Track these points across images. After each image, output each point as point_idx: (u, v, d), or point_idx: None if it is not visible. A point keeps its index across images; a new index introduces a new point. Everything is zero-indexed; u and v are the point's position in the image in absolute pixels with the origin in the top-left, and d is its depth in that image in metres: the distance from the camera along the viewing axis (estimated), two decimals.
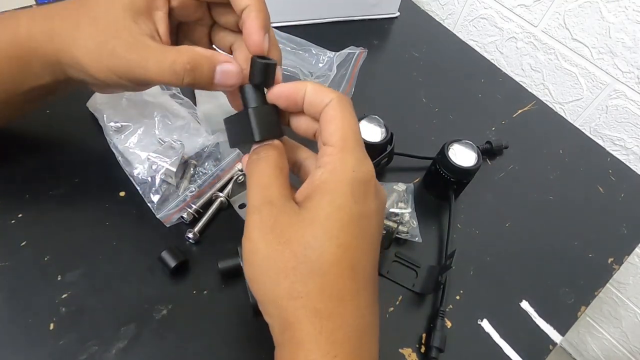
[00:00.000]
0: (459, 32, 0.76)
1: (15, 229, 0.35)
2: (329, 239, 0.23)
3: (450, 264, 0.35)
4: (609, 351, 0.93)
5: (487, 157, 0.51)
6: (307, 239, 0.23)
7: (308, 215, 0.23)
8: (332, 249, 0.23)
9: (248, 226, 0.24)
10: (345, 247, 0.23)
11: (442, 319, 0.36)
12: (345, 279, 0.23)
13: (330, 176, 0.24)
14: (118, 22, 0.28)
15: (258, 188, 0.25)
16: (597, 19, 0.58)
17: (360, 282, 0.23)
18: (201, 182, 0.39)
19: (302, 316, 0.22)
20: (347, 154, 0.24)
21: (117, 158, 0.39)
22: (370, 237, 0.24)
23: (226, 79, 0.28)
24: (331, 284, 0.22)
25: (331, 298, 0.22)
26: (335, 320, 0.22)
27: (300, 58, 0.52)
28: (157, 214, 0.36)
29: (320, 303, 0.22)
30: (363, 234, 0.24)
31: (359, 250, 0.23)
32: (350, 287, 0.23)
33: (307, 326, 0.22)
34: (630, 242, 0.47)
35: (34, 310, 0.31)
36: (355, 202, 0.23)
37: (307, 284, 0.22)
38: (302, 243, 0.23)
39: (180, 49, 0.28)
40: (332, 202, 0.23)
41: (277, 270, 0.23)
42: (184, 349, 0.32)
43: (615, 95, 0.61)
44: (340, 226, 0.23)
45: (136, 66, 0.28)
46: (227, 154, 0.41)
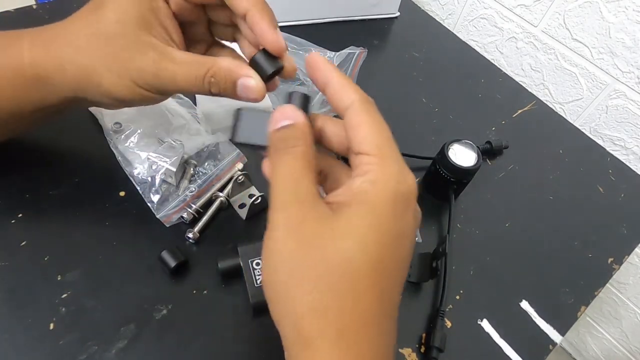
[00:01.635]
0: (459, 32, 0.76)
1: (15, 229, 0.35)
2: (365, 254, 0.20)
3: (444, 250, 0.35)
4: (609, 351, 0.93)
5: (487, 157, 0.51)
6: (339, 249, 0.20)
7: (343, 223, 0.21)
8: (366, 265, 0.20)
9: (272, 223, 0.22)
10: (379, 266, 0.21)
11: (442, 319, 0.36)
12: (373, 301, 0.20)
13: (372, 187, 0.21)
14: (137, 38, 0.27)
15: (286, 182, 0.22)
16: (597, 19, 0.58)
17: (386, 306, 0.21)
18: (201, 182, 0.39)
19: (323, 336, 0.20)
20: (388, 164, 0.22)
21: (117, 158, 0.39)
22: (403, 259, 0.22)
23: (247, 93, 0.28)
24: (358, 303, 0.20)
25: (356, 320, 0.20)
26: (361, 347, 0.20)
27: (300, 58, 0.52)
28: (157, 213, 0.36)
29: (344, 324, 0.20)
30: (397, 255, 0.22)
31: (391, 272, 0.21)
32: (376, 311, 0.21)
33: (327, 348, 0.20)
34: (630, 242, 0.47)
35: (34, 310, 0.31)
36: (395, 219, 0.21)
37: (332, 298, 0.20)
38: (333, 252, 0.20)
39: (204, 62, 0.28)
40: (373, 215, 0.21)
41: (301, 276, 0.20)
42: (184, 349, 0.32)
43: (615, 95, 0.61)
44: (378, 243, 0.21)
45: (166, 80, 0.28)
46: (227, 153, 0.41)
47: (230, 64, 0.28)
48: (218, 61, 0.28)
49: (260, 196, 0.38)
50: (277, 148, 0.23)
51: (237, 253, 0.34)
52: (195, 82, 0.28)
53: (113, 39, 0.28)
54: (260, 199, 0.38)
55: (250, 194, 0.40)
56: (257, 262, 0.34)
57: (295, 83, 0.50)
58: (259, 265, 0.33)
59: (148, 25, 0.28)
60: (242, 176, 0.39)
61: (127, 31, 0.27)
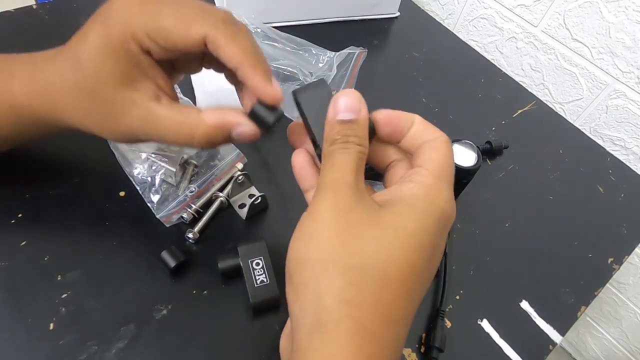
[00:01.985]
0: (459, 32, 0.76)
1: (15, 229, 0.35)
2: (405, 254, 0.20)
3: (444, 250, 0.35)
4: (609, 351, 0.93)
5: (487, 157, 0.51)
6: (382, 243, 0.20)
7: (390, 219, 0.21)
8: (403, 265, 0.20)
9: (318, 203, 0.21)
10: (414, 269, 0.21)
11: (442, 319, 0.36)
12: (400, 303, 0.21)
13: (424, 194, 0.22)
14: (120, 95, 0.26)
15: (341, 168, 0.22)
16: (597, 19, 0.58)
17: (409, 311, 0.21)
18: (201, 182, 0.39)
19: (344, 327, 0.19)
20: (443, 183, 0.23)
21: (117, 158, 0.39)
22: (432, 271, 0.23)
23: (244, 138, 0.27)
24: (387, 302, 0.20)
25: (381, 318, 0.20)
26: (377, 346, 0.20)
27: (300, 58, 0.52)
28: (157, 214, 0.36)
29: (369, 320, 0.20)
30: (429, 265, 0.22)
31: (421, 279, 0.22)
32: (400, 313, 0.21)
33: (345, 341, 0.19)
34: (630, 242, 0.47)
35: (33, 310, 0.31)
36: (437, 232, 0.22)
37: (363, 292, 0.20)
38: (375, 244, 0.20)
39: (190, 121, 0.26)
40: (420, 220, 0.21)
41: (336, 262, 0.20)
42: (184, 349, 0.32)
43: (615, 95, 0.61)
44: (419, 247, 0.21)
45: (155, 137, 0.28)
46: (227, 153, 0.41)
47: (218, 120, 0.27)
48: (205, 119, 0.27)
49: (260, 196, 0.38)
50: (335, 140, 0.23)
51: (237, 253, 0.34)
52: (187, 142, 0.27)
53: (95, 94, 0.26)
54: (260, 199, 0.38)
55: (251, 194, 0.40)
56: (257, 262, 0.34)
57: (296, 83, 0.50)
58: (258, 265, 0.33)
59: (130, 79, 0.26)
60: (242, 176, 0.39)
61: (108, 88, 0.26)
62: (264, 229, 0.39)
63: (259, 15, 0.56)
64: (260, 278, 0.33)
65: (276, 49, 0.52)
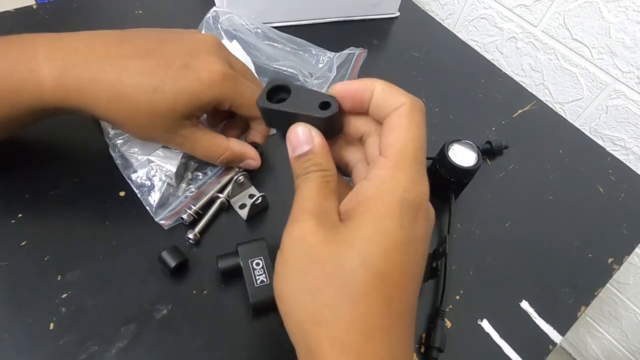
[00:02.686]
0: (459, 32, 0.76)
1: (15, 229, 0.35)
2: (366, 265, 0.20)
3: (444, 250, 0.35)
4: (609, 351, 0.93)
5: (487, 157, 0.51)
6: (340, 260, 0.20)
7: (346, 234, 0.21)
8: (368, 276, 0.20)
9: (282, 238, 0.23)
10: (383, 276, 0.20)
11: (442, 319, 0.36)
12: (378, 312, 0.20)
13: (377, 193, 0.21)
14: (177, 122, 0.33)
15: (302, 198, 0.23)
16: (597, 19, 0.58)
17: (394, 317, 0.21)
18: (200, 184, 0.39)
19: (328, 348, 0.20)
20: (400, 171, 0.21)
21: (116, 161, 0.39)
22: (413, 266, 0.22)
23: (247, 167, 0.40)
24: (361, 315, 0.20)
25: (360, 332, 0.20)
26: (370, 357, 0.20)
27: (300, 58, 0.52)
28: (156, 217, 0.36)
29: (348, 336, 0.20)
30: (406, 263, 0.21)
31: (399, 280, 0.21)
32: (382, 323, 0.20)
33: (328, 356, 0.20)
34: (630, 242, 0.47)
35: (33, 310, 0.31)
36: (401, 226, 0.21)
37: (334, 311, 0.20)
38: (334, 263, 0.20)
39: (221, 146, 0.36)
40: (375, 223, 0.21)
41: (304, 289, 0.21)
42: (184, 349, 0.32)
43: (615, 95, 0.61)
44: (380, 252, 0.20)
45: (186, 150, 0.36)
46: None
47: (241, 149, 0.38)
48: (231, 146, 0.37)
49: (260, 196, 0.38)
50: (298, 174, 0.25)
51: (237, 253, 0.34)
52: (210, 159, 0.37)
53: (159, 119, 0.32)
54: (260, 199, 0.38)
55: (251, 194, 0.40)
56: (257, 262, 0.34)
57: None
58: (258, 265, 0.33)
59: (190, 116, 0.34)
60: (242, 176, 0.39)
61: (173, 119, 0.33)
62: (264, 229, 0.39)
63: (259, 15, 0.56)
64: (260, 278, 0.33)
65: (276, 49, 0.52)
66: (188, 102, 0.32)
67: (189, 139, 0.35)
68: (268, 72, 0.51)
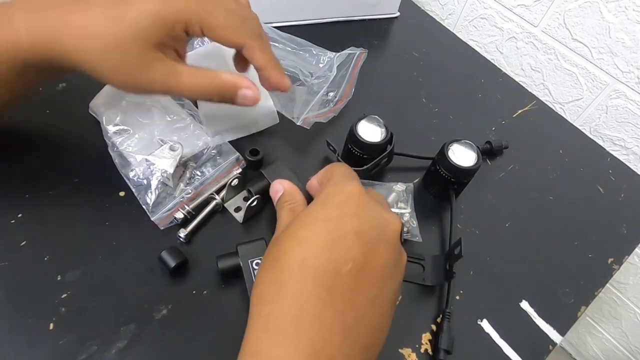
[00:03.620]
0: (459, 32, 0.76)
1: (15, 229, 0.35)
2: (288, 234, 0.25)
3: (460, 253, 0.35)
4: (609, 351, 0.93)
5: (487, 157, 0.51)
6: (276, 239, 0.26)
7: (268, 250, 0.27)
8: (287, 242, 0.25)
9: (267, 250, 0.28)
10: (300, 241, 0.24)
11: (449, 320, 0.36)
12: (292, 269, 0.24)
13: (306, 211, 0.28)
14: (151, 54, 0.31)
15: (278, 223, 0.31)
16: (597, 19, 0.58)
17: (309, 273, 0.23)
18: (198, 184, 0.39)
19: (254, 301, 0.25)
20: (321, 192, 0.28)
21: (114, 160, 0.38)
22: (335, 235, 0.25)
23: (245, 101, 0.35)
24: (279, 272, 0.24)
25: (275, 285, 0.24)
26: (272, 306, 0.23)
27: (300, 58, 0.52)
28: (152, 216, 0.36)
29: (266, 289, 0.24)
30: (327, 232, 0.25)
31: (316, 245, 0.24)
32: (294, 277, 0.23)
33: (253, 309, 0.24)
34: (630, 242, 0.47)
35: (33, 310, 0.31)
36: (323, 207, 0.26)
37: (263, 274, 0.25)
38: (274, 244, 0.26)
39: (208, 74, 0.33)
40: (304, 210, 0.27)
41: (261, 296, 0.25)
42: (184, 348, 0.32)
43: (615, 95, 0.61)
44: (301, 225, 0.25)
45: (173, 90, 0.33)
46: (226, 157, 0.41)
47: (232, 78, 0.34)
48: (220, 74, 0.33)
49: (255, 198, 0.38)
50: (277, 208, 0.33)
51: (237, 253, 0.34)
52: (200, 92, 0.33)
53: (125, 49, 0.30)
54: (255, 202, 0.38)
55: (245, 197, 0.40)
56: (256, 262, 0.34)
57: (296, 83, 0.50)
58: (258, 265, 0.33)
59: (163, 46, 0.31)
60: (236, 179, 0.39)
61: (143, 49, 0.30)
62: (263, 229, 0.39)
63: (259, 15, 0.56)
64: None
65: (277, 49, 0.52)
66: (151, 25, 0.30)
67: (171, 75, 0.32)
68: None
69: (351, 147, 0.42)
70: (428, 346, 0.35)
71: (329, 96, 0.48)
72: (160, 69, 0.31)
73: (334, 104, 0.48)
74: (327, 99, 0.48)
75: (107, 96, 0.41)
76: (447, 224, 0.42)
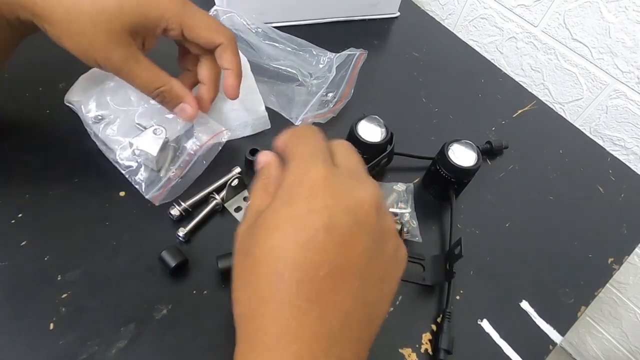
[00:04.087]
0: (459, 32, 0.76)
1: (15, 229, 0.35)
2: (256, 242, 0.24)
3: (460, 253, 0.35)
4: (609, 351, 0.93)
5: (487, 157, 0.51)
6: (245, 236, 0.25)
7: None
8: (257, 251, 0.23)
9: None
10: (270, 251, 0.23)
11: (449, 320, 0.36)
12: (269, 282, 0.23)
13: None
14: (119, 35, 0.32)
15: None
16: (597, 19, 0.58)
17: (286, 284, 0.22)
18: (181, 161, 0.39)
19: (237, 322, 0.25)
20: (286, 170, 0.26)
21: (99, 147, 0.39)
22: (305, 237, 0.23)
23: (182, 114, 0.38)
24: (254, 285, 0.23)
25: (253, 301, 0.23)
26: (254, 323, 0.23)
27: (300, 59, 0.52)
28: (146, 194, 0.37)
29: (246, 308, 0.24)
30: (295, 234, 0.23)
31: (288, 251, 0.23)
32: (272, 290, 0.22)
33: (237, 330, 0.25)
34: (630, 242, 0.47)
35: (33, 310, 0.31)
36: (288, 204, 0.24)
37: (240, 291, 0.25)
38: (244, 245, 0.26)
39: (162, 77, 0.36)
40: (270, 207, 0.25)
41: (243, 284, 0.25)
42: (184, 349, 0.32)
43: (615, 95, 0.61)
44: (268, 230, 0.23)
45: (125, 75, 0.35)
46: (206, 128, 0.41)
47: (180, 90, 0.37)
48: (173, 83, 0.36)
49: None
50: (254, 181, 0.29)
51: None
52: (147, 89, 0.36)
53: (99, 25, 0.31)
54: None
55: (245, 197, 0.40)
56: None
57: (295, 84, 0.50)
58: None
59: (135, 33, 0.33)
60: (236, 179, 0.39)
61: (115, 28, 0.32)
62: None
63: (259, 15, 0.56)
64: None
65: (277, 49, 0.52)
66: (133, 12, 0.32)
67: (129, 62, 0.34)
68: (268, 71, 0.51)
69: None
70: (428, 346, 0.35)
71: (328, 97, 0.48)
72: (121, 52, 0.33)
73: (332, 104, 0.48)
74: (326, 100, 0.48)
75: (83, 86, 0.41)
76: (447, 224, 0.42)
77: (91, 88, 0.41)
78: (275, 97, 0.48)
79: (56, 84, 0.44)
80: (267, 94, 0.48)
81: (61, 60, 0.46)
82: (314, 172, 0.24)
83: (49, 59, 0.45)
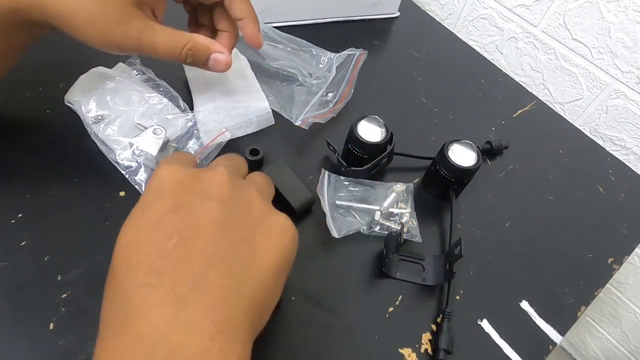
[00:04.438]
0: (459, 32, 0.76)
1: (15, 229, 0.35)
2: (116, 247, 0.25)
3: (460, 253, 0.35)
4: (609, 351, 0.93)
5: (487, 157, 0.51)
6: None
7: None
8: (115, 256, 0.25)
9: None
10: (125, 249, 0.24)
11: (449, 320, 0.36)
12: (124, 281, 0.23)
13: None
14: (128, 9, 0.32)
15: None
16: (597, 19, 0.58)
17: (136, 269, 0.23)
18: None
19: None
20: None
21: (99, 147, 0.39)
22: (153, 220, 0.24)
23: (217, 65, 0.37)
24: (111, 287, 0.24)
25: (114, 306, 0.23)
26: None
27: (300, 59, 0.52)
28: None
29: (105, 314, 0.23)
30: (145, 221, 0.24)
31: (137, 238, 0.24)
32: (125, 287, 0.23)
33: None
34: (630, 242, 0.47)
35: (34, 310, 0.31)
36: (141, 212, 0.25)
37: (106, 304, 0.24)
38: None
39: (183, 35, 0.35)
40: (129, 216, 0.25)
41: None
42: None
43: (615, 95, 0.61)
44: (121, 232, 0.25)
45: (147, 46, 0.34)
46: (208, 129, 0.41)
47: (206, 41, 0.36)
48: (195, 36, 0.35)
49: None
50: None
51: None
52: (174, 51, 0.35)
53: (105, 5, 0.31)
54: None
55: None
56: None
57: (295, 84, 0.50)
58: None
59: (141, 4, 0.33)
60: None
61: (123, 4, 0.32)
62: None
63: (259, 15, 0.56)
64: None
65: (277, 49, 0.52)
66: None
67: (146, 32, 0.33)
68: (268, 71, 0.51)
69: (351, 147, 0.42)
70: (428, 346, 0.35)
71: (328, 97, 0.48)
72: (135, 24, 0.33)
73: (332, 104, 0.48)
74: (326, 100, 0.48)
75: (83, 86, 0.41)
76: (447, 224, 0.42)
77: (91, 88, 0.41)
78: (275, 97, 0.48)
79: (56, 84, 0.44)
80: (267, 94, 0.48)
81: (61, 60, 0.46)
82: (161, 170, 0.26)
83: (49, 59, 0.45)
